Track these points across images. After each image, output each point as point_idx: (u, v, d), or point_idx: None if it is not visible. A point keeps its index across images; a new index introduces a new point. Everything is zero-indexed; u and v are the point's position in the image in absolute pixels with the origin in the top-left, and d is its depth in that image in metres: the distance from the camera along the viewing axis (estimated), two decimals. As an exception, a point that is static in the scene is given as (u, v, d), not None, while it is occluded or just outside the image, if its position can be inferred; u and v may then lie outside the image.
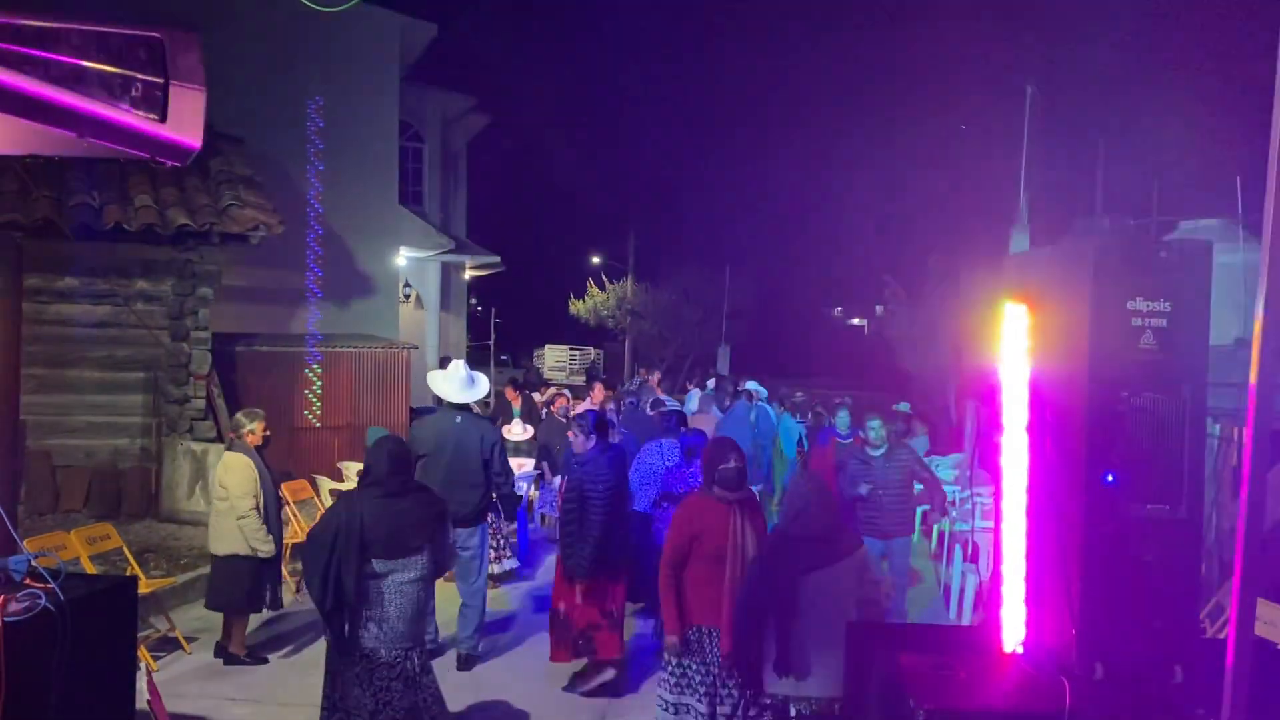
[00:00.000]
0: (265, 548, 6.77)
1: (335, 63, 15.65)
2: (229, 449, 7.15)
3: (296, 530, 8.87)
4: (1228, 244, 11.68)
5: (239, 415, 7.21)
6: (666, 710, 5.27)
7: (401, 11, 17.20)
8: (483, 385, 7.46)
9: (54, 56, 2.16)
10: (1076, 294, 3.60)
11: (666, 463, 7.65)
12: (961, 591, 8.63)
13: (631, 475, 7.41)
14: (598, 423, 6.61)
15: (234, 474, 6.78)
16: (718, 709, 5.09)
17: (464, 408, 7.24)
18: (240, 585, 6.80)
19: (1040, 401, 3.83)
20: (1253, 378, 3.13)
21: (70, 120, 2.23)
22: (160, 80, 2.30)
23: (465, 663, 6.99)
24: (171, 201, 10.59)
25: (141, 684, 3.81)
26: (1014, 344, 3.92)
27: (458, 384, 7.21)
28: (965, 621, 8.16)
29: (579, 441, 6.53)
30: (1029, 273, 4.02)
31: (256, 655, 7.03)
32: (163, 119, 2.29)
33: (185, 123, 2.32)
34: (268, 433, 7.23)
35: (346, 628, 4.64)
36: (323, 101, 15.54)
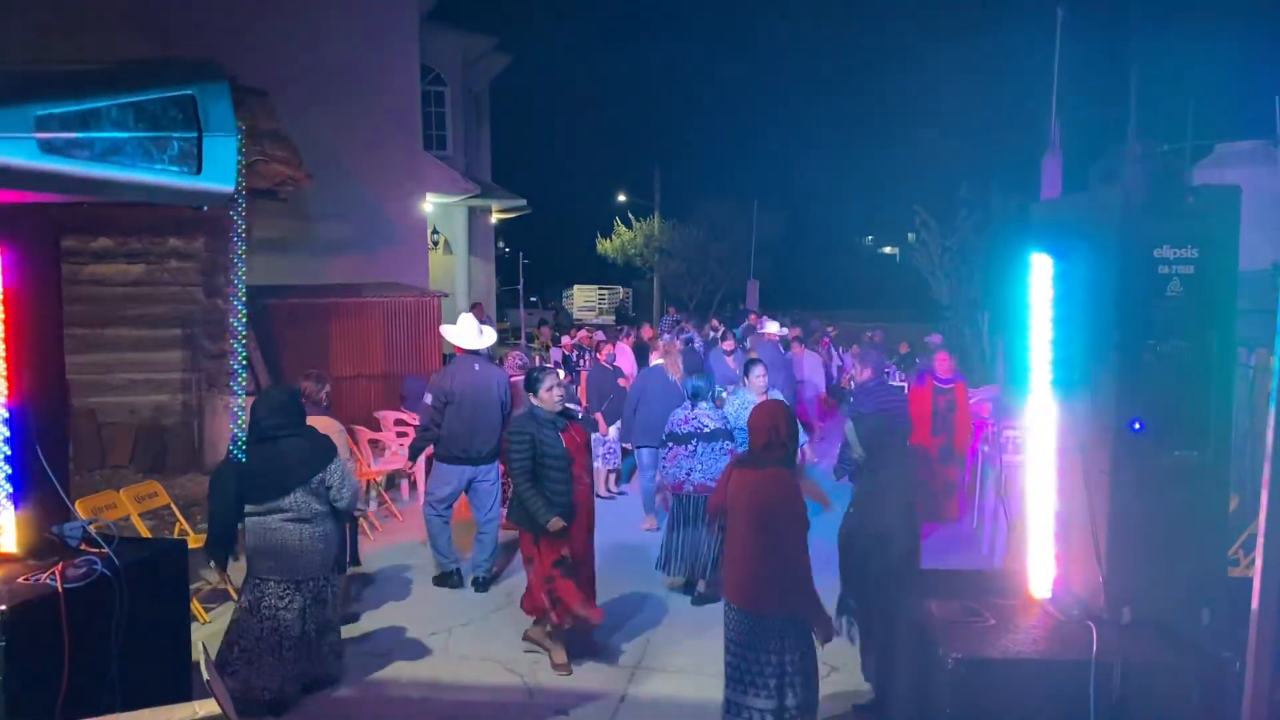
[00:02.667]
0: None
1: (354, 9, 15.54)
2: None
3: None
4: (1264, 166, 11.45)
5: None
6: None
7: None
8: (491, 334, 7.97)
9: (96, 135, 2.22)
10: (1103, 242, 3.60)
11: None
12: (993, 528, 8.69)
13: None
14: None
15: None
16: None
17: (477, 354, 7.74)
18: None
19: (1068, 349, 3.84)
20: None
21: (114, 190, 2.30)
22: (194, 135, 2.36)
23: (481, 585, 7.58)
24: (199, 158, 10.66)
25: (198, 652, 3.95)
26: (1041, 292, 3.92)
27: (471, 332, 7.72)
28: (998, 559, 8.23)
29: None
30: (1056, 221, 4.01)
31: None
32: (198, 171, 2.35)
33: (219, 171, 2.38)
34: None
35: (227, 560, 5.48)
36: (341, 48, 15.47)
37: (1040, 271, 3.92)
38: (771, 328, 14.09)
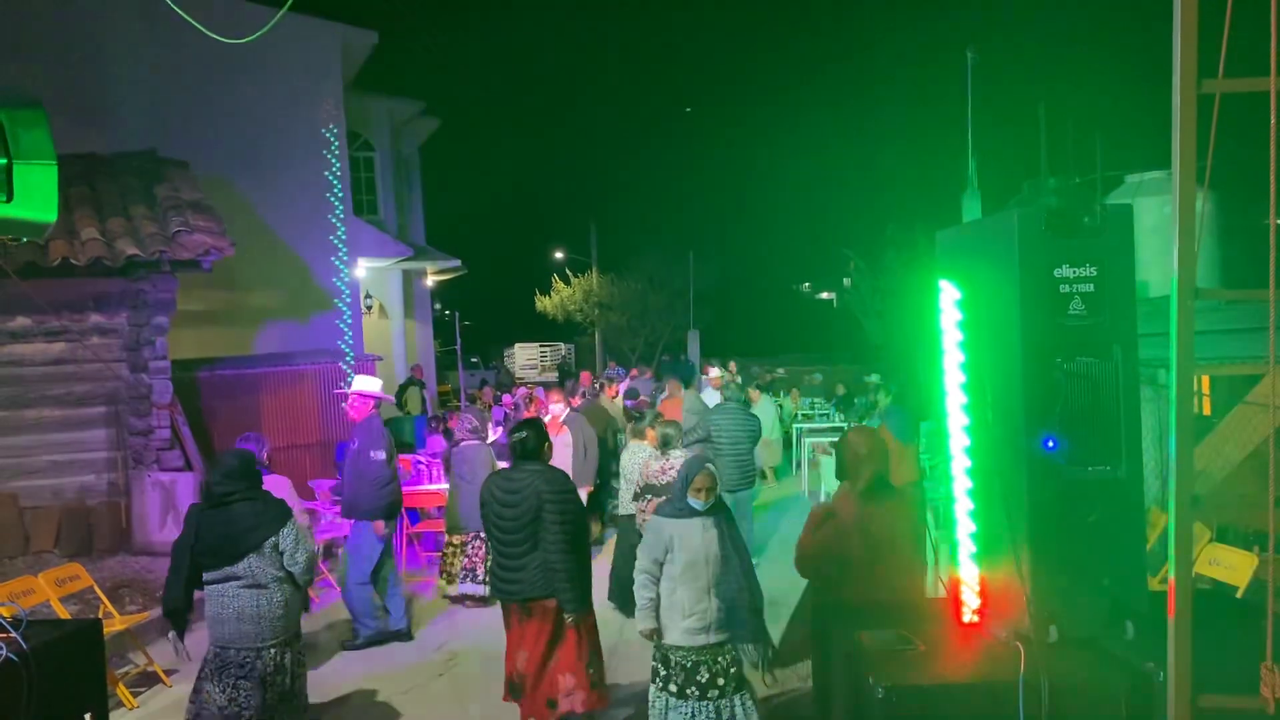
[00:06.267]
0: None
1: (276, 77, 15.52)
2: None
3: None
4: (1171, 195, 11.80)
5: (251, 446, 7.08)
6: None
7: (341, 21, 17.05)
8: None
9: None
10: (1004, 265, 3.66)
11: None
12: (936, 557, 8.71)
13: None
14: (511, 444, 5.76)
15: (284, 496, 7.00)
16: None
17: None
18: None
19: (979, 372, 3.88)
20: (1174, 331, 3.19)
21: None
22: (2, 161, 2.31)
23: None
24: (119, 232, 10.47)
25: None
26: (949, 319, 3.98)
27: (374, 383, 7.99)
28: (942, 589, 8.25)
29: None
30: (959, 248, 4.07)
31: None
32: (9, 199, 2.30)
33: (36, 199, 2.32)
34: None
35: (183, 629, 5.28)
36: (267, 117, 15.43)
37: (948, 297, 3.98)
38: (713, 373, 14.14)
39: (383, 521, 7.53)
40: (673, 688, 4.96)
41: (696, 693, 4.91)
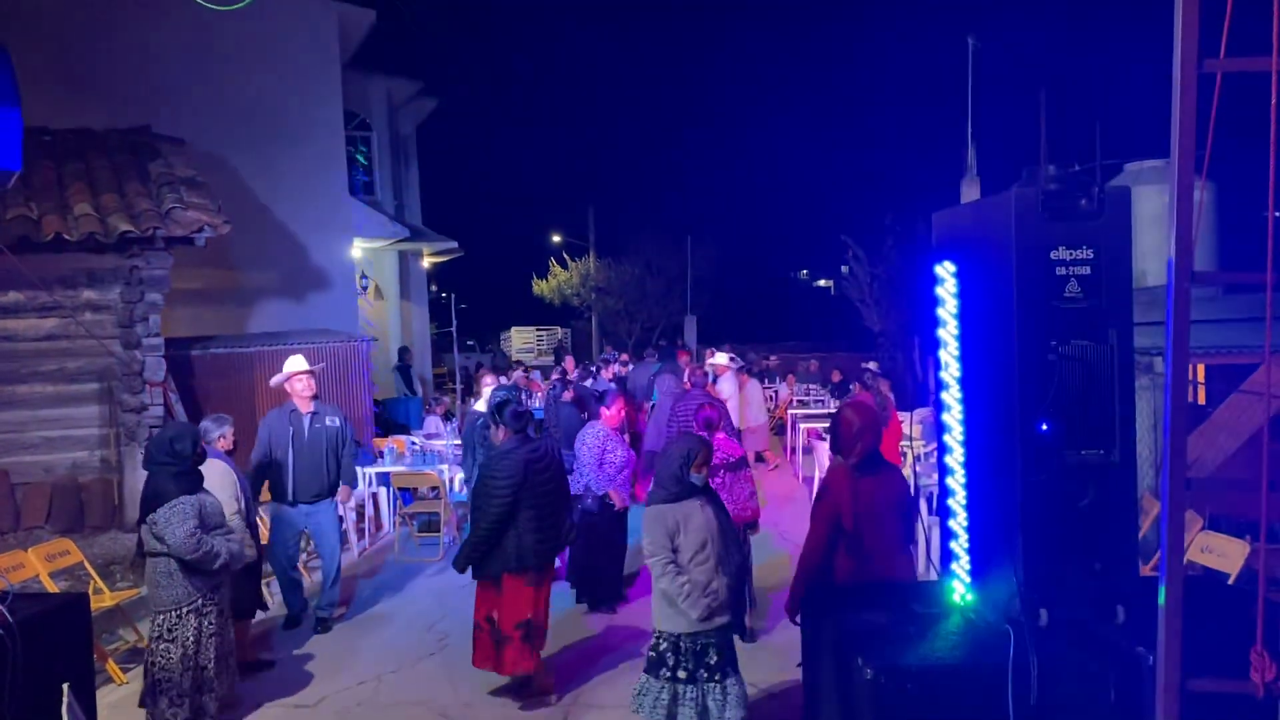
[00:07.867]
0: (249, 553, 6.52)
1: (273, 55, 15.38)
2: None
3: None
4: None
5: (206, 423, 6.91)
6: None
7: (338, -1, 16.93)
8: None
9: None
10: (1000, 247, 3.63)
11: None
12: (928, 543, 8.71)
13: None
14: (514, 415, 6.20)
15: (214, 482, 6.42)
16: None
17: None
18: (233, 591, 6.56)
19: (973, 355, 3.86)
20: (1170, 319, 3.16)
21: None
22: None
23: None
24: (113, 208, 10.41)
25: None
26: (945, 301, 3.95)
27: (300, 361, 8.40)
28: (934, 573, 8.25)
29: (494, 434, 6.44)
30: (955, 229, 4.04)
31: (262, 660, 6.96)
32: None
33: None
34: (236, 438, 7.08)
35: None
36: (263, 96, 15.31)
37: (944, 280, 3.95)
38: (720, 359, 14.12)
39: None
40: (682, 674, 4.89)
41: (705, 674, 4.89)
